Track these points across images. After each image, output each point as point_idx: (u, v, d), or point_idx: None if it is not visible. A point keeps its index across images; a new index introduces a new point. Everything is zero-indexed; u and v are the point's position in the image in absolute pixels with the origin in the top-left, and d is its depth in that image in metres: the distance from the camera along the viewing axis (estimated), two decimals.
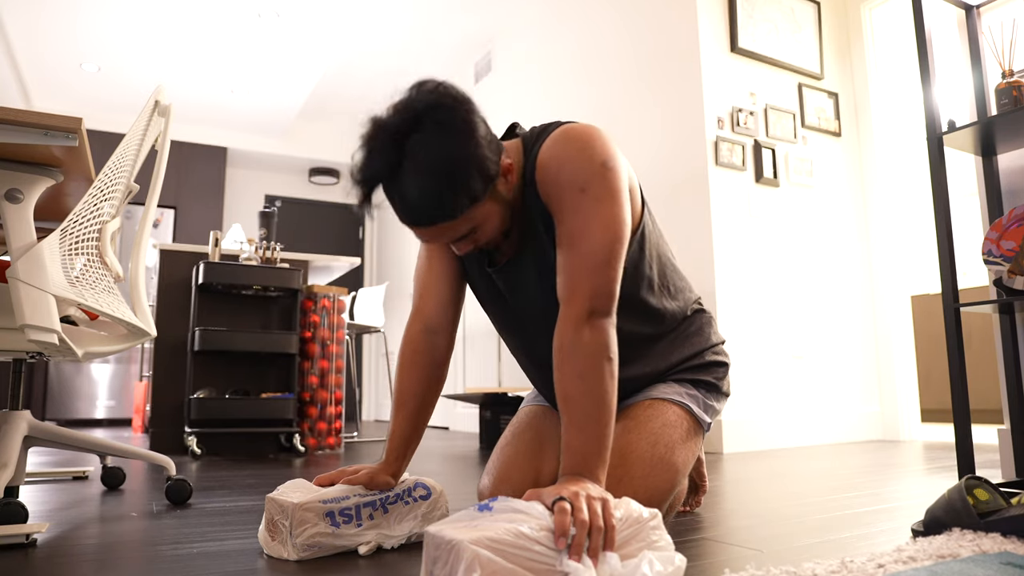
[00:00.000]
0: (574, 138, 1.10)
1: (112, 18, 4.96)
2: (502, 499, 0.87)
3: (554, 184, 1.08)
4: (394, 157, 0.98)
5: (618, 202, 1.08)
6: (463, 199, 1.00)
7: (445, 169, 0.97)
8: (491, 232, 1.09)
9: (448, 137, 0.98)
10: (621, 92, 3.82)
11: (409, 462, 1.27)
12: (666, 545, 0.90)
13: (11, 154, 1.24)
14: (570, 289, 1.04)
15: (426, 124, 0.98)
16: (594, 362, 0.99)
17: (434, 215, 1.00)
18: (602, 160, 1.08)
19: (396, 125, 0.98)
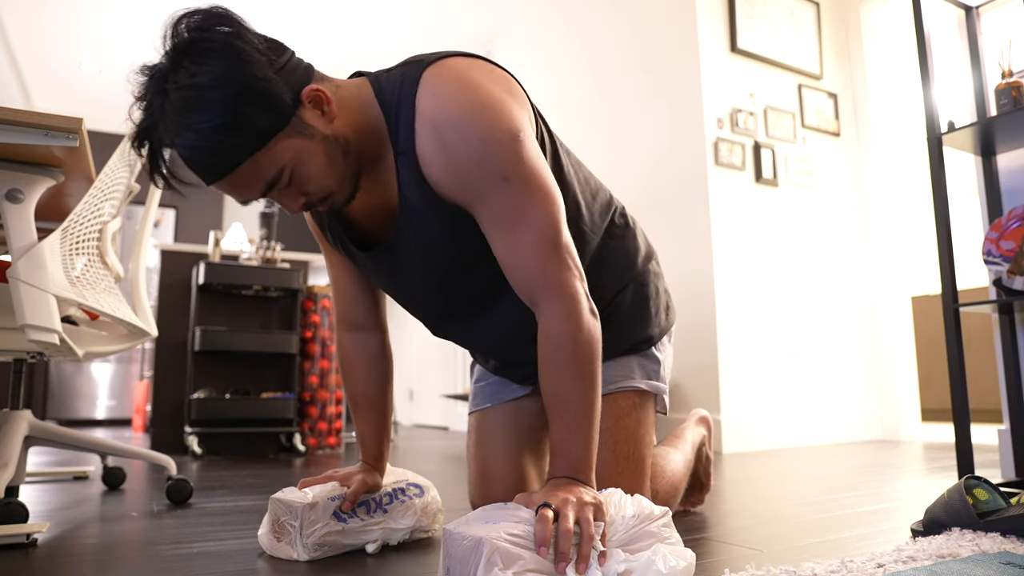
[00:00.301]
0: (467, 113, 0.92)
1: (112, 18, 4.97)
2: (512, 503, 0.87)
3: (461, 182, 0.95)
4: (157, 104, 0.85)
5: (545, 171, 0.97)
6: (242, 136, 0.85)
7: (209, 103, 0.83)
8: (318, 176, 0.93)
9: (210, 65, 0.83)
10: (621, 92, 3.82)
11: (387, 458, 1.29)
12: (676, 542, 0.90)
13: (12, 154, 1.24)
14: (531, 286, 0.96)
15: (187, 57, 0.84)
16: (590, 364, 0.94)
17: (212, 163, 0.86)
18: (509, 133, 0.93)
19: (158, 68, 0.86)
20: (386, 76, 1.01)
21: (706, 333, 3.16)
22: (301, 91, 0.91)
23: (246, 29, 0.89)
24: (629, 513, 0.87)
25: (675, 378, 3.31)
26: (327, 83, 0.97)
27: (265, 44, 0.90)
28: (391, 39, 5.43)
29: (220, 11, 0.89)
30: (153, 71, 0.86)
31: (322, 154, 0.92)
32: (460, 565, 0.80)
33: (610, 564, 0.80)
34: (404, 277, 1.11)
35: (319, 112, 0.93)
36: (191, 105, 0.83)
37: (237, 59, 0.84)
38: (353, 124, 0.97)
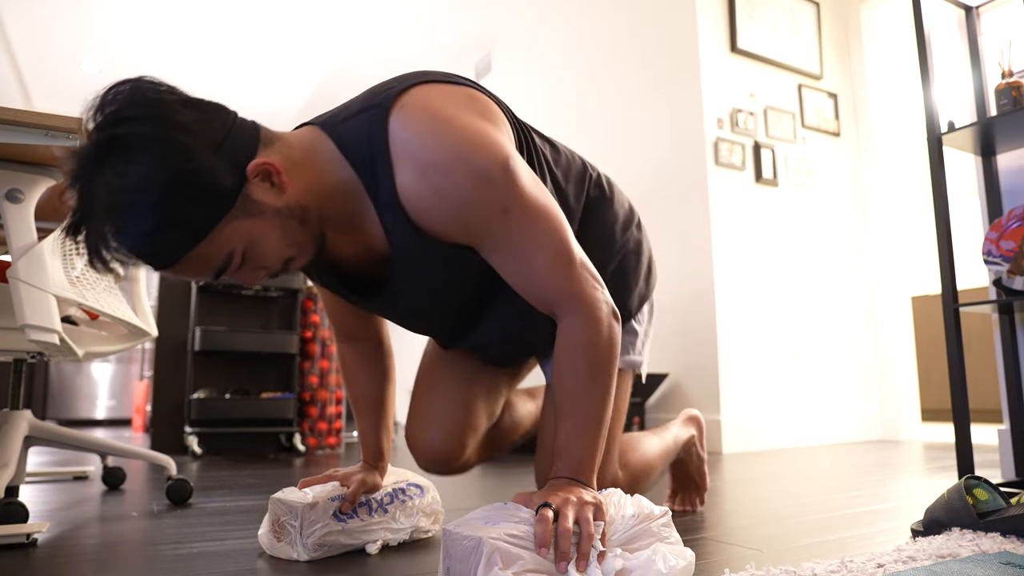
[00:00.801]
0: (452, 154, 0.86)
1: (112, 18, 4.97)
2: (511, 504, 0.87)
3: (460, 226, 0.90)
4: (88, 202, 0.79)
5: (540, 191, 0.93)
6: (178, 233, 0.79)
7: (139, 206, 0.77)
8: (272, 252, 0.87)
9: (137, 163, 0.77)
10: (621, 92, 3.82)
11: (389, 457, 1.29)
12: (676, 542, 0.90)
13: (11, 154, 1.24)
14: (549, 302, 0.94)
15: (112, 154, 0.77)
16: (606, 370, 0.93)
17: (152, 259, 0.81)
18: (500, 165, 0.87)
19: (86, 158, 0.79)
20: (345, 126, 0.92)
21: (706, 333, 3.16)
22: (246, 167, 0.83)
23: (177, 106, 0.81)
24: (629, 513, 0.88)
25: (675, 378, 3.31)
26: (277, 146, 0.88)
27: (200, 120, 0.81)
28: (391, 39, 5.43)
29: (145, 92, 0.80)
30: (82, 160, 0.79)
31: (275, 229, 0.86)
32: (460, 565, 0.80)
33: (609, 562, 0.80)
34: (413, 314, 1.09)
35: (268, 185, 0.85)
36: (121, 208, 0.77)
37: (166, 152, 0.77)
38: (312, 189, 0.89)
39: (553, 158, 1.14)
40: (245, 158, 0.84)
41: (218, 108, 0.85)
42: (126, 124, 0.78)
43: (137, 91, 0.80)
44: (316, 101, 6.60)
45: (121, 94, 0.80)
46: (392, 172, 0.89)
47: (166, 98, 0.81)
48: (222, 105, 0.86)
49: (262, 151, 0.86)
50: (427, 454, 1.22)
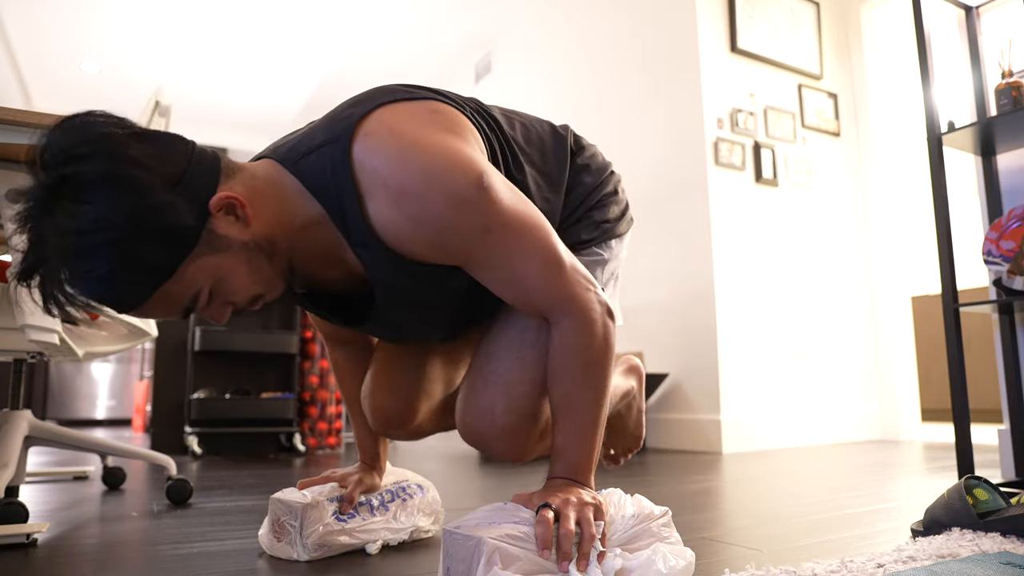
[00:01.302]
0: (423, 179, 0.82)
1: (112, 18, 4.97)
2: (511, 504, 0.87)
3: (441, 250, 0.87)
4: (40, 247, 0.74)
5: (519, 201, 0.89)
6: (140, 275, 0.76)
7: (96, 250, 0.73)
8: (241, 288, 0.84)
9: (90, 203, 0.72)
10: (621, 92, 3.83)
11: (386, 457, 1.28)
12: (676, 541, 0.90)
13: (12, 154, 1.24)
14: (541, 309, 0.92)
15: (64, 196, 0.73)
16: (602, 370, 0.92)
17: (115, 303, 0.77)
18: (474, 184, 0.83)
19: (35, 201, 0.74)
20: (306, 163, 0.87)
21: (706, 333, 3.16)
22: (208, 202, 0.79)
23: (129, 140, 0.76)
24: (629, 513, 0.88)
25: (675, 378, 3.31)
26: (239, 177, 0.85)
27: (155, 154, 0.77)
28: (391, 40, 5.43)
29: (94, 127, 0.76)
30: (30, 201, 0.74)
31: (242, 264, 0.83)
32: (460, 565, 0.80)
33: (609, 562, 0.80)
34: (403, 332, 1.06)
35: (233, 218, 0.81)
36: (76, 251, 0.73)
37: (120, 190, 0.73)
38: (279, 221, 0.86)
39: (525, 139, 1.07)
40: (207, 192, 0.80)
41: (174, 139, 0.82)
42: (76, 162, 0.73)
43: (85, 126, 0.76)
44: (316, 102, 6.60)
45: (69, 131, 0.75)
46: (363, 206, 0.84)
47: (117, 132, 0.76)
48: (178, 136, 0.83)
49: (224, 183, 0.82)
50: (379, 414, 1.18)
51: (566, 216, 1.11)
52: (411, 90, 0.92)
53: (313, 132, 0.89)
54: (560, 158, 1.10)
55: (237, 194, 0.82)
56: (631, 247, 3.64)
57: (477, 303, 1.02)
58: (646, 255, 3.55)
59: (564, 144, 1.12)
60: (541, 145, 1.09)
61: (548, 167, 1.08)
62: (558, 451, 0.91)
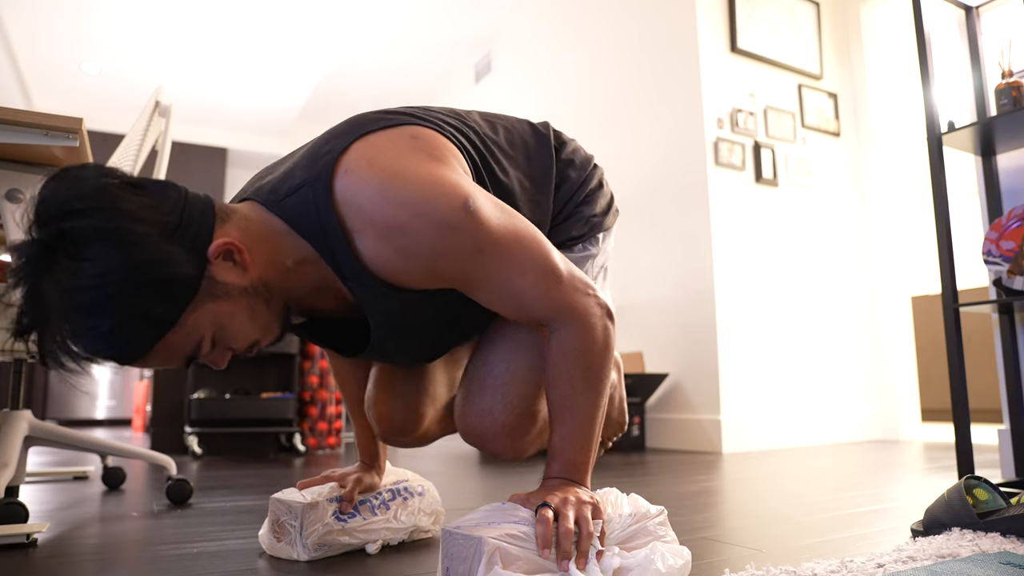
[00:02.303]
0: (409, 211, 0.81)
1: (113, 18, 4.97)
2: (509, 504, 0.87)
3: (435, 277, 0.87)
4: (39, 303, 0.73)
5: (508, 218, 0.88)
6: (143, 328, 0.75)
7: (97, 307, 0.72)
8: (242, 334, 0.84)
9: (89, 260, 0.72)
10: (621, 92, 3.83)
11: (386, 457, 1.29)
12: (672, 540, 0.90)
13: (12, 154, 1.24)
14: (541, 319, 0.92)
15: (61, 252, 0.72)
16: (601, 372, 0.92)
17: (118, 356, 0.77)
18: (461, 209, 0.82)
19: (32, 257, 0.73)
20: (290, 203, 0.86)
21: (706, 333, 3.16)
22: (207, 249, 0.79)
23: (124, 192, 0.76)
24: (626, 512, 0.88)
25: (675, 378, 3.31)
26: (234, 220, 0.84)
27: (150, 205, 0.77)
28: (391, 39, 5.43)
29: (87, 180, 0.75)
30: (27, 258, 0.73)
31: (243, 309, 0.83)
32: (460, 565, 0.80)
33: (607, 560, 0.81)
34: (405, 354, 1.05)
35: (231, 264, 0.81)
36: (77, 310, 0.72)
37: (119, 245, 0.72)
38: (273, 263, 0.86)
39: (508, 143, 1.06)
40: (204, 239, 0.79)
41: (167, 187, 0.81)
42: (72, 218, 0.72)
43: (79, 181, 0.75)
44: (316, 101, 6.61)
45: (63, 186, 0.74)
46: (351, 243, 0.84)
47: (110, 185, 0.76)
48: (170, 183, 0.82)
49: (219, 228, 0.82)
50: (385, 423, 1.18)
51: (555, 213, 1.11)
52: (388, 116, 0.91)
53: (293, 171, 0.88)
54: (545, 157, 1.10)
55: (234, 239, 0.82)
56: (631, 246, 3.64)
57: (474, 316, 1.02)
58: (646, 255, 3.55)
59: (547, 142, 1.12)
60: (525, 147, 1.09)
61: (534, 168, 1.08)
62: (556, 451, 0.91)
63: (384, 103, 6.69)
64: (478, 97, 5.54)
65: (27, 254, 0.73)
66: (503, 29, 5.18)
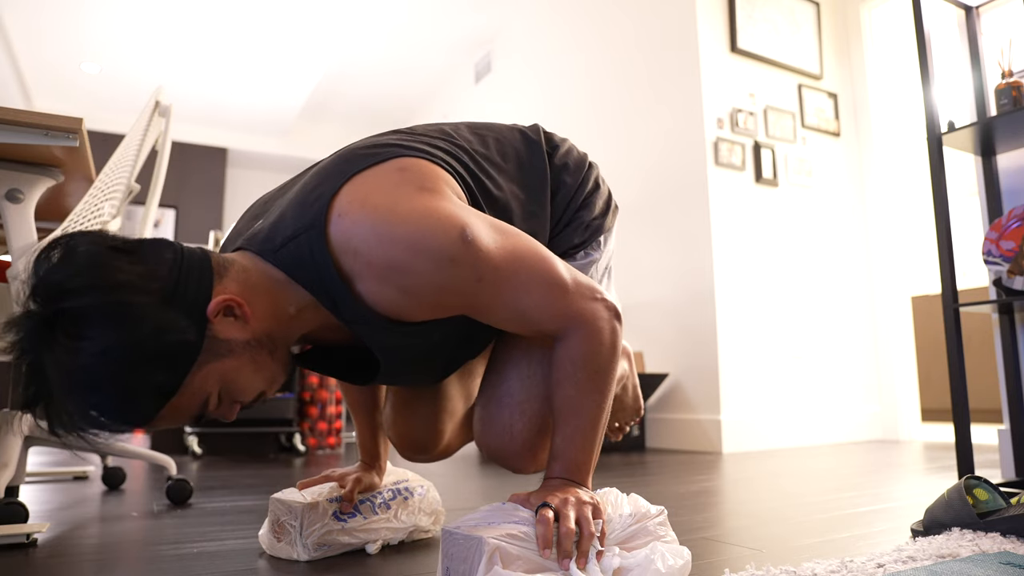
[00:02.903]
0: (407, 249, 0.80)
1: (113, 18, 4.97)
2: (509, 504, 0.87)
3: (439, 309, 0.87)
4: (41, 380, 0.73)
5: (506, 239, 0.87)
6: (146, 398, 0.75)
7: (99, 384, 0.72)
8: (248, 387, 0.84)
9: (88, 338, 0.71)
10: (621, 92, 3.83)
11: (387, 458, 1.29)
12: (672, 540, 0.90)
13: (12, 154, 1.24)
14: (552, 333, 0.92)
15: (59, 330, 0.71)
16: (608, 375, 0.93)
17: (124, 426, 0.77)
18: (458, 241, 0.81)
19: (28, 335, 0.72)
20: (285, 253, 0.84)
21: (706, 333, 3.16)
22: (206, 309, 0.78)
23: (118, 262, 0.74)
24: (626, 512, 0.88)
25: (675, 378, 3.31)
26: (232, 273, 0.83)
27: (145, 272, 0.75)
28: (391, 39, 5.43)
29: (82, 254, 0.73)
30: (27, 335, 0.72)
31: (247, 363, 0.82)
32: (460, 565, 0.80)
33: (607, 560, 0.81)
34: (415, 377, 1.05)
35: (232, 319, 0.81)
36: (80, 389, 0.72)
37: (117, 320, 0.71)
38: (274, 314, 0.85)
39: (501, 155, 1.05)
40: (203, 299, 0.78)
41: (161, 246, 0.80)
42: (69, 297, 0.71)
43: (71, 255, 0.74)
44: (316, 101, 6.61)
45: (57, 261, 0.73)
46: (352, 288, 0.83)
47: (105, 256, 0.74)
48: (164, 242, 0.81)
49: (218, 284, 0.81)
50: (405, 442, 1.20)
51: (555, 222, 1.11)
52: (374, 151, 0.90)
53: (284, 217, 0.86)
54: (538, 166, 1.09)
55: (233, 294, 0.81)
56: (631, 247, 3.64)
57: (483, 332, 1.03)
58: (646, 255, 3.55)
59: (539, 149, 1.11)
60: (517, 158, 1.08)
61: (528, 178, 1.07)
62: (557, 451, 0.92)
63: (384, 103, 6.69)
64: (478, 97, 5.54)
65: (26, 329, 0.72)
66: (503, 29, 5.18)
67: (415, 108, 6.78)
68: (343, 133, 7.47)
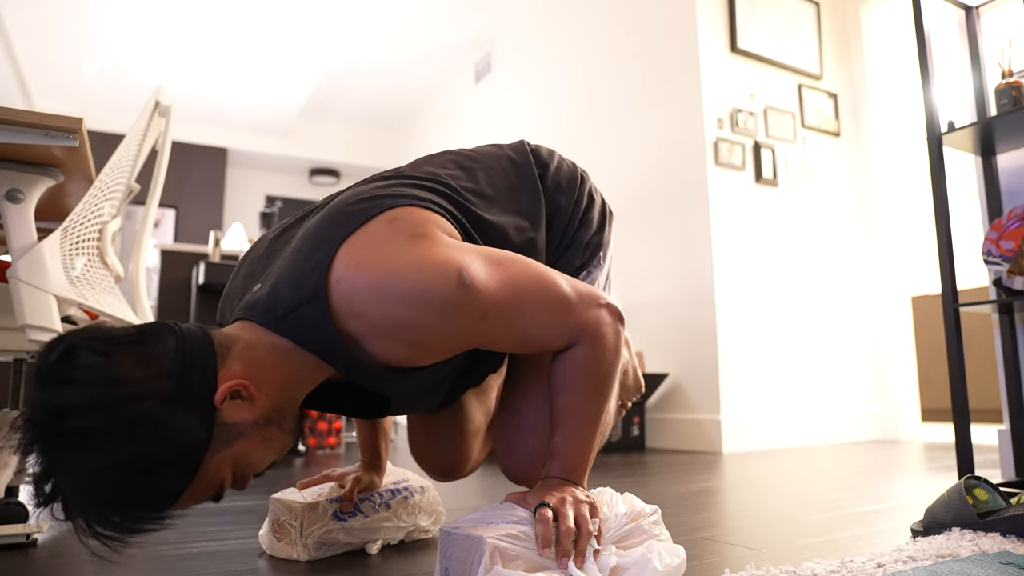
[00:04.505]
0: (411, 305, 0.80)
1: (113, 18, 4.97)
2: (507, 504, 0.88)
3: (449, 350, 0.88)
4: (54, 484, 0.72)
5: (503, 273, 0.87)
6: (161, 498, 0.75)
7: (115, 496, 0.72)
8: (261, 461, 0.84)
9: (100, 451, 0.70)
10: (621, 92, 3.83)
11: (387, 457, 1.29)
12: (666, 538, 0.91)
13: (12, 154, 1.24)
14: (559, 347, 0.93)
15: (70, 445, 0.70)
16: (610, 379, 0.94)
17: (145, 525, 0.77)
18: (457, 287, 0.81)
19: (39, 448, 0.71)
20: (289, 324, 0.83)
21: (706, 333, 3.16)
22: (213, 398, 0.77)
23: (120, 368, 0.73)
24: (621, 511, 0.89)
25: (675, 378, 3.31)
26: (236, 351, 0.81)
27: (148, 374, 0.74)
28: (391, 39, 5.43)
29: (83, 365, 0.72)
30: (38, 448, 0.71)
31: (258, 442, 0.82)
32: (459, 565, 0.80)
33: (604, 559, 0.81)
34: (428, 404, 1.06)
35: (239, 401, 0.80)
36: (95, 500, 0.71)
37: (124, 434, 0.70)
38: (283, 385, 0.84)
39: (491, 186, 1.04)
40: (209, 389, 0.77)
41: (162, 337, 0.78)
42: (74, 416, 0.70)
43: (73, 366, 0.71)
44: (316, 101, 6.60)
45: (58, 375, 0.71)
46: (361, 349, 0.84)
47: (106, 367, 0.72)
48: (166, 329, 0.79)
49: (222, 368, 0.79)
50: (435, 468, 1.21)
51: (554, 246, 1.11)
52: (362, 207, 0.88)
53: (282, 285, 0.84)
54: (531, 191, 1.08)
55: (238, 376, 0.80)
56: (631, 247, 3.64)
57: (490, 356, 1.04)
58: (646, 255, 3.55)
59: (529, 172, 1.10)
60: (508, 186, 1.07)
61: (523, 205, 1.06)
62: (555, 451, 0.92)
63: (384, 103, 6.69)
64: (478, 97, 5.54)
65: (37, 443, 0.71)
66: (503, 29, 5.18)
67: (415, 108, 6.78)
68: (343, 133, 7.47)
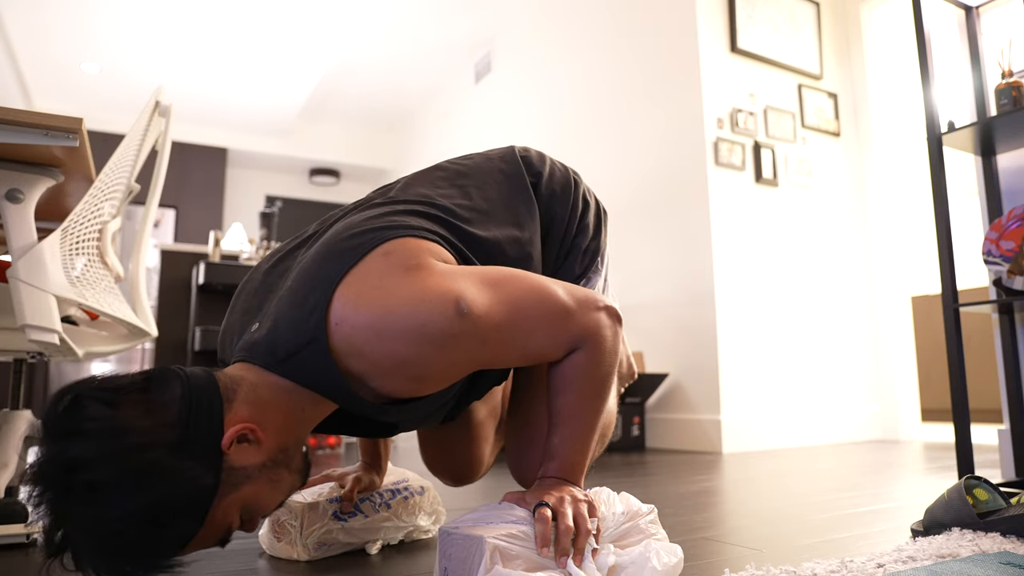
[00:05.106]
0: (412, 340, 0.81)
1: (113, 18, 4.97)
2: (505, 503, 0.88)
3: (452, 377, 0.88)
4: (64, 535, 0.72)
5: (499, 292, 0.87)
6: (171, 544, 0.75)
7: (125, 546, 0.71)
8: (269, 503, 0.83)
9: (110, 505, 0.70)
10: (621, 92, 3.83)
11: (388, 458, 1.29)
12: (663, 538, 0.91)
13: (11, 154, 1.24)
14: (564, 353, 0.93)
15: (80, 498, 0.70)
16: (608, 381, 0.94)
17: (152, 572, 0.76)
18: (455, 317, 0.81)
19: (48, 501, 0.71)
20: (290, 367, 0.83)
21: (706, 333, 3.16)
22: (220, 443, 0.77)
23: (127, 419, 0.73)
24: (619, 510, 0.89)
25: (675, 378, 3.31)
26: (241, 394, 0.81)
27: (154, 424, 0.74)
28: (391, 39, 5.43)
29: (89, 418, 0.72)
30: (47, 500, 0.71)
31: (265, 484, 0.81)
32: (459, 565, 0.80)
33: (602, 558, 0.82)
34: (435, 420, 1.06)
35: (246, 445, 0.79)
36: (105, 551, 0.72)
37: (132, 485, 0.70)
38: (288, 426, 0.84)
39: (485, 200, 1.04)
40: (216, 434, 0.77)
41: (168, 383, 0.77)
42: (83, 470, 0.70)
43: (80, 419, 0.71)
44: (316, 101, 6.61)
45: (67, 427, 0.71)
46: (364, 387, 0.85)
47: (112, 415, 0.72)
48: (171, 375, 0.78)
49: (228, 412, 0.79)
50: (449, 477, 1.22)
51: (553, 256, 1.11)
52: (356, 242, 0.87)
53: (281, 327, 0.84)
54: (525, 201, 1.08)
55: (244, 419, 0.80)
56: (631, 247, 3.64)
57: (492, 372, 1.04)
58: (646, 255, 3.55)
59: (522, 183, 1.09)
60: (501, 199, 1.06)
61: (517, 217, 1.05)
62: (553, 451, 0.93)
63: (384, 103, 6.69)
64: (478, 97, 5.54)
65: (46, 496, 0.71)
66: (503, 29, 5.18)
67: (415, 108, 6.78)
68: (343, 133, 7.47)
